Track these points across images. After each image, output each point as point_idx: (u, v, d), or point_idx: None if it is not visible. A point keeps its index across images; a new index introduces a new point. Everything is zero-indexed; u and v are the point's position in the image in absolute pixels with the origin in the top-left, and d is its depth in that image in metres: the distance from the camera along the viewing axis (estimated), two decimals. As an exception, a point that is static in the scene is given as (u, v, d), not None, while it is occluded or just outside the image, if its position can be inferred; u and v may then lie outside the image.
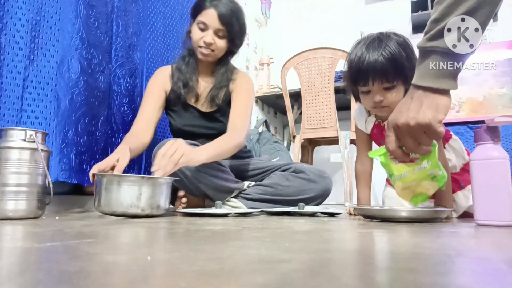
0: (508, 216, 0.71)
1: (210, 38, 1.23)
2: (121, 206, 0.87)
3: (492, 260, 0.39)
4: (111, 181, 0.88)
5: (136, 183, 0.88)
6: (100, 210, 0.90)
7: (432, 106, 0.70)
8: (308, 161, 2.51)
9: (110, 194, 0.88)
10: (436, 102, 0.70)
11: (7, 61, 1.03)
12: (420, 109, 0.70)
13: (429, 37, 0.69)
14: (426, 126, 0.70)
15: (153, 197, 0.89)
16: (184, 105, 1.32)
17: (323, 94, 2.18)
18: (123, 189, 0.87)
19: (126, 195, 0.87)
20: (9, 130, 0.85)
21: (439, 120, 0.70)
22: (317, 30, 3.40)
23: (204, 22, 1.22)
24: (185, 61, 1.33)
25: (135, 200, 0.87)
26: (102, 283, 0.26)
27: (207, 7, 1.21)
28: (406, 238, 0.58)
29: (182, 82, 1.30)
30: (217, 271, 0.30)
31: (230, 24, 1.23)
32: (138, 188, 0.88)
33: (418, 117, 0.70)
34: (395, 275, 0.30)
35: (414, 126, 0.71)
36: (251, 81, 1.40)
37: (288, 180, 1.26)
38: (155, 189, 0.90)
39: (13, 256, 0.39)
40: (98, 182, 0.90)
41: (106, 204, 0.88)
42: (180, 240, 0.52)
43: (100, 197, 0.89)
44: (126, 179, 0.89)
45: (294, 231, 0.63)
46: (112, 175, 0.91)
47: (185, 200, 1.14)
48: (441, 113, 0.70)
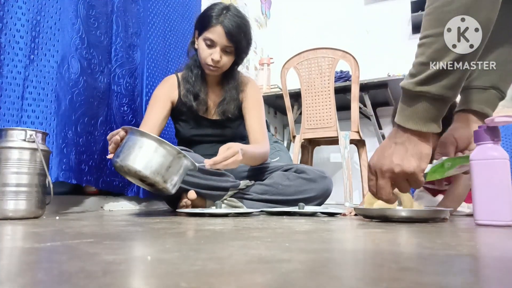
0: (508, 216, 0.71)
1: (218, 55, 1.24)
2: (149, 169, 0.84)
3: (492, 260, 0.39)
4: (153, 141, 0.85)
5: (171, 154, 0.86)
6: (122, 165, 0.84)
7: (416, 155, 0.70)
8: (308, 161, 2.51)
9: (143, 152, 0.84)
10: (420, 150, 0.70)
11: (7, 60, 1.03)
12: (405, 156, 0.70)
13: (418, 82, 0.67)
14: (410, 174, 0.70)
15: (176, 174, 0.89)
16: (194, 115, 1.34)
17: (323, 94, 2.18)
18: (159, 154, 0.85)
19: (159, 160, 0.85)
20: (9, 130, 0.85)
21: (422, 169, 0.71)
22: (317, 30, 3.40)
23: (212, 39, 1.22)
24: (193, 72, 1.33)
25: (164, 169, 0.85)
26: (102, 283, 0.26)
27: (214, 24, 1.21)
28: (406, 238, 0.58)
29: (193, 94, 1.31)
30: (217, 271, 0.30)
31: (237, 41, 1.23)
32: (172, 160, 0.86)
33: (403, 165, 0.70)
34: (395, 275, 0.30)
35: (399, 173, 0.71)
36: (259, 89, 1.44)
37: (289, 180, 1.26)
38: (181, 169, 0.89)
39: (13, 256, 0.39)
40: (132, 136, 0.86)
41: (133, 161, 0.83)
42: (180, 240, 0.52)
43: (129, 152, 0.84)
44: (165, 146, 0.86)
45: (294, 231, 0.63)
46: (155, 136, 0.86)
47: (189, 202, 1.14)
48: (424, 162, 0.71)
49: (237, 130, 1.39)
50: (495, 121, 0.73)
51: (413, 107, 0.69)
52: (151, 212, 1.30)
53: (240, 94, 1.37)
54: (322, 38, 3.20)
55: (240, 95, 1.36)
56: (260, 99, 1.41)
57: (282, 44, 3.48)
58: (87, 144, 1.22)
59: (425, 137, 0.70)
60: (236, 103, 1.35)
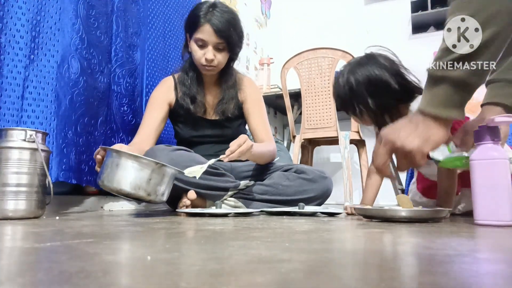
0: (508, 216, 0.71)
1: (211, 54, 1.23)
2: (129, 186, 0.85)
3: (492, 260, 0.39)
4: (126, 159, 0.86)
5: (149, 166, 0.87)
6: (105, 185, 0.87)
7: (423, 137, 0.69)
8: (308, 161, 2.51)
9: (121, 171, 0.85)
10: (429, 134, 0.69)
11: (7, 60, 1.03)
12: (411, 134, 0.70)
13: (441, 65, 0.67)
14: (408, 152, 0.70)
15: (161, 184, 0.89)
16: (192, 117, 1.34)
17: (323, 94, 2.18)
18: (136, 169, 0.86)
19: (137, 175, 0.86)
20: (9, 130, 0.85)
21: (422, 152, 0.70)
22: (317, 30, 3.40)
23: (202, 39, 1.22)
24: (188, 75, 1.33)
25: (145, 183, 0.86)
26: (102, 283, 0.26)
27: (202, 24, 1.20)
28: (406, 238, 0.58)
29: (189, 97, 1.31)
30: (217, 271, 0.30)
31: (228, 36, 1.23)
32: (150, 172, 0.87)
33: (405, 142, 0.70)
34: (395, 275, 0.30)
35: (398, 148, 0.71)
36: (257, 87, 1.44)
37: (289, 180, 1.26)
38: (164, 178, 0.90)
39: (13, 256, 0.39)
40: (109, 157, 0.88)
41: (113, 180, 0.85)
42: (180, 240, 0.52)
43: (109, 172, 0.86)
44: (140, 160, 0.87)
45: (294, 231, 0.63)
46: (128, 153, 0.87)
47: (189, 203, 1.14)
48: (428, 146, 0.70)
49: (236, 130, 1.39)
50: (495, 121, 0.73)
51: (435, 91, 0.68)
52: (151, 212, 1.30)
53: (239, 94, 1.36)
54: (322, 38, 3.20)
55: (238, 94, 1.36)
56: (260, 98, 1.41)
57: (282, 44, 3.48)
58: (87, 144, 1.22)
59: (442, 123, 0.69)
60: (236, 102, 1.35)
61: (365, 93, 0.97)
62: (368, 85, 0.97)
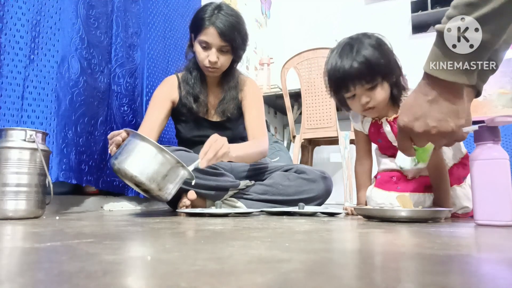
0: (508, 216, 0.71)
1: (215, 56, 1.24)
2: (145, 176, 0.83)
3: (492, 260, 0.39)
4: (153, 149, 0.84)
5: (170, 163, 0.86)
6: (119, 168, 0.84)
7: (453, 113, 0.66)
8: (308, 161, 2.51)
9: (142, 159, 0.84)
10: (455, 108, 0.66)
11: (7, 60, 1.03)
12: (441, 118, 0.66)
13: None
14: (450, 134, 0.67)
15: (172, 182, 0.88)
16: (194, 117, 1.34)
17: (323, 94, 2.18)
18: (158, 162, 0.85)
19: (156, 168, 0.84)
20: (9, 130, 0.85)
21: (460, 126, 0.67)
22: (317, 30, 3.40)
23: (206, 41, 1.22)
24: (192, 74, 1.34)
25: (160, 177, 0.85)
26: (102, 283, 0.26)
27: (207, 26, 1.21)
28: (406, 238, 0.58)
29: (193, 96, 1.32)
30: (217, 271, 0.30)
31: (232, 40, 1.23)
32: (169, 169, 0.86)
33: (441, 127, 0.67)
34: (395, 275, 0.30)
35: (436, 134, 0.68)
36: (258, 88, 1.44)
37: (289, 180, 1.26)
38: (177, 178, 0.89)
39: (13, 256, 0.39)
40: (132, 142, 0.86)
41: (130, 166, 0.83)
42: (180, 240, 0.52)
43: (127, 156, 0.84)
44: (165, 155, 0.85)
45: (294, 231, 0.63)
46: (156, 144, 0.86)
47: (189, 203, 1.14)
48: (462, 118, 0.67)
49: (237, 131, 1.39)
50: (495, 121, 0.73)
51: (441, 48, 0.63)
52: (151, 212, 1.30)
53: (239, 94, 1.37)
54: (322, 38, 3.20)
55: (239, 94, 1.37)
56: (259, 97, 1.41)
57: (282, 44, 3.48)
58: (87, 144, 1.22)
59: (459, 91, 0.65)
60: (236, 102, 1.35)
61: (381, 61, 0.96)
62: (380, 54, 0.97)
